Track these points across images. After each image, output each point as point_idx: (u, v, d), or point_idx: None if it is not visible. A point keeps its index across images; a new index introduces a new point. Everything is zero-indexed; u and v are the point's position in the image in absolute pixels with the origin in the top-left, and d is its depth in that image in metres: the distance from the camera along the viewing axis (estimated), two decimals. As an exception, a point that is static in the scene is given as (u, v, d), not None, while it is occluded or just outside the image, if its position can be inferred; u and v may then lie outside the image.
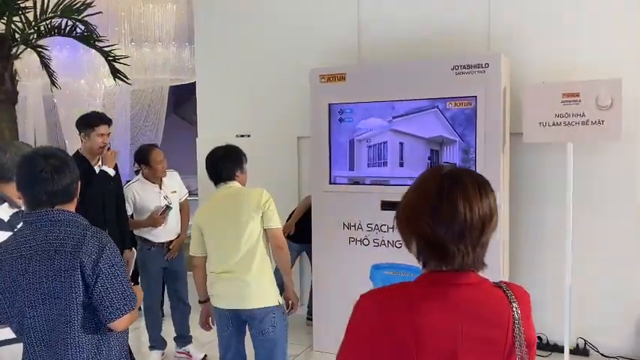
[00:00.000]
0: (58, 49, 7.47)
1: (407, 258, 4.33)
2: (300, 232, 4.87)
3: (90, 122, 3.78)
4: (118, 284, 1.94)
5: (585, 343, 4.31)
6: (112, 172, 3.81)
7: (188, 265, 4.83)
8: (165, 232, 4.34)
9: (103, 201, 3.76)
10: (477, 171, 3.79)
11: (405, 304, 1.29)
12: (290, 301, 3.23)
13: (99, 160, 3.83)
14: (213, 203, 3.19)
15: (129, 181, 4.72)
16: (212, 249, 3.11)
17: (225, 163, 3.14)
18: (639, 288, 4.14)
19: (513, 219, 4.34)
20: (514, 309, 1.34)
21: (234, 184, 3.16)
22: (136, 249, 4.07)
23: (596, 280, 4.24)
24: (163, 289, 4.94)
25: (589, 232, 4.20)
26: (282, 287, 3.22)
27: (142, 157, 4.35)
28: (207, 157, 3.21)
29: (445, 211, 1.28)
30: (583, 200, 4.12)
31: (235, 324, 3.13)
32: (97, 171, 3.78)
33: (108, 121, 3.85)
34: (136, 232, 4.34)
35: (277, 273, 3.17)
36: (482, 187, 1.33)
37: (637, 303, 4.16)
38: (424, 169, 3.95)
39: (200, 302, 3.28)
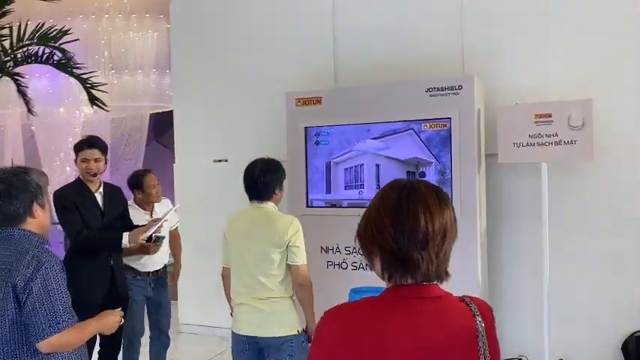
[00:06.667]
0: (37, 78, 7.47)
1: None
2: None
3: (76, 146, 3.55)
4: (48, 304, 1.94)
5: (567, 364, 4.28)
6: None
7: (173, 295, 4.73)
8: (152, 262, 4.21)
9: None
10: (453, 192, 3.84)
11: (368, 314, 1.29)
12: (310, 337, 3.04)
13: (101, 184, 3.63)
14: (240, 221, 3.05)
15: None
16: (233, 271, 3.02)
17: (265, 178, 2.96)
18: (620, 306, 4.11)
19: (491, 240, 4.32)
20: (478, 322, 1.35)
21: (266, 206, 3.00)
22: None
23: (576, 299, 4.21)
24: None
25: (567, 251, 4.19)
26: None
27: (136, 182, 4.26)
28: (245, 170, 3.02)
29: (406, 220, 1.30)
30: (559, 219, 4.12)
31: (253, 350, 2.99)
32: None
33: (96, 145, 3.55)
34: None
35: None
36: (440, 197, 1.37)
37: (618, 322, 4.13)
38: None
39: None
